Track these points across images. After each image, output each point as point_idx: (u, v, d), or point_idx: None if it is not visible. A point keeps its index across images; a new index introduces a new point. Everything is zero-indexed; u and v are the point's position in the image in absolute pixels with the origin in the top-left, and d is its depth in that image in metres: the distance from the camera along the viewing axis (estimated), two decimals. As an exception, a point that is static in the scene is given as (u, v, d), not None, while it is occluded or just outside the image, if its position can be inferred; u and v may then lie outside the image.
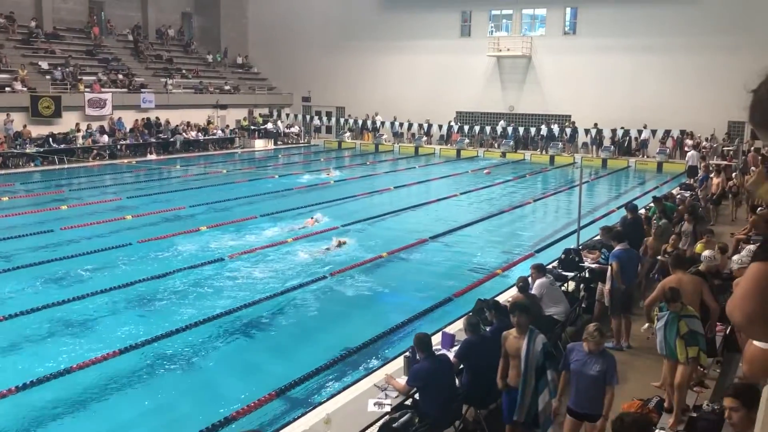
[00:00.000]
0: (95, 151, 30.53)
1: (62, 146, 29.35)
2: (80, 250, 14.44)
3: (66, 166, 28.46)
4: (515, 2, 38.61)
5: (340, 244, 15.67)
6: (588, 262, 11.58)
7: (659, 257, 11.64)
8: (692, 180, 22.41)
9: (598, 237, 12.83)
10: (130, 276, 12.74)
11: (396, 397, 6.88)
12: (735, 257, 8.85)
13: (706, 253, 9.78)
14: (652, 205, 15.39)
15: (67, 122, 30.56)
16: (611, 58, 35.08)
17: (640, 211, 14.15)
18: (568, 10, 37.60)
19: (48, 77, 32.04)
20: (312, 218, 18.21)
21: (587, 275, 11.53)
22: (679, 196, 17.35)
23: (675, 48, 32.90)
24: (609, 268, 9.91)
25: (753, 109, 1.38)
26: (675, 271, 8.36)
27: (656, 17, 33.78)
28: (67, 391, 8.26)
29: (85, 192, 23.35)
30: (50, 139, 29.12)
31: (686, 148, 30.67)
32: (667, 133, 33.09)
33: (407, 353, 7.49)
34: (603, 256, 11.36)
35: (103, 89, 33.12)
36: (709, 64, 32.11)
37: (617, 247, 10.05)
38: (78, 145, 30.08)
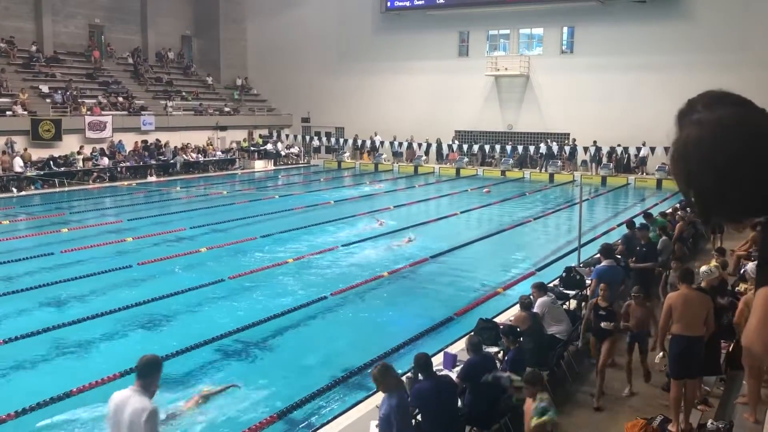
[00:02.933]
0: (95, 174, 30.60)
1: (62, 169, 29.42)
2: (81, 273, 14.40)
3: (66, 188, 28.50)
4: (512, 22, 38.91)
5: (410, 240, 18.01)
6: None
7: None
8: None
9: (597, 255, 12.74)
10: (130, 298, 12.69)
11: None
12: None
13: (703, 268, 9.68)
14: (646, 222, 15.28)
15: (68, 145, 30.65)
16: (609, 77, 35.26)
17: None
18: (565, 29, 37.91)
19: (48, 101, 32.18)
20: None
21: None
22: (680, 213, 17.20)
23: (672, 66, 33.03)
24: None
25: (670, 163, 1.50)
26: (681, 286, 7.81)
27: (653, 36, 34.01)
28: (67, 415, 8.19)
29: (85, 214, 23.34)
30: (51, 162, 29.20)
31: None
32: (666, 150, 33.09)
33: (409, 374, 7.45)
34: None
35: (103, 112, 33.28)
36: (707, 81, 30.89)
37: (603, 263, 9.96)
38: (78, 168, 30.15)
